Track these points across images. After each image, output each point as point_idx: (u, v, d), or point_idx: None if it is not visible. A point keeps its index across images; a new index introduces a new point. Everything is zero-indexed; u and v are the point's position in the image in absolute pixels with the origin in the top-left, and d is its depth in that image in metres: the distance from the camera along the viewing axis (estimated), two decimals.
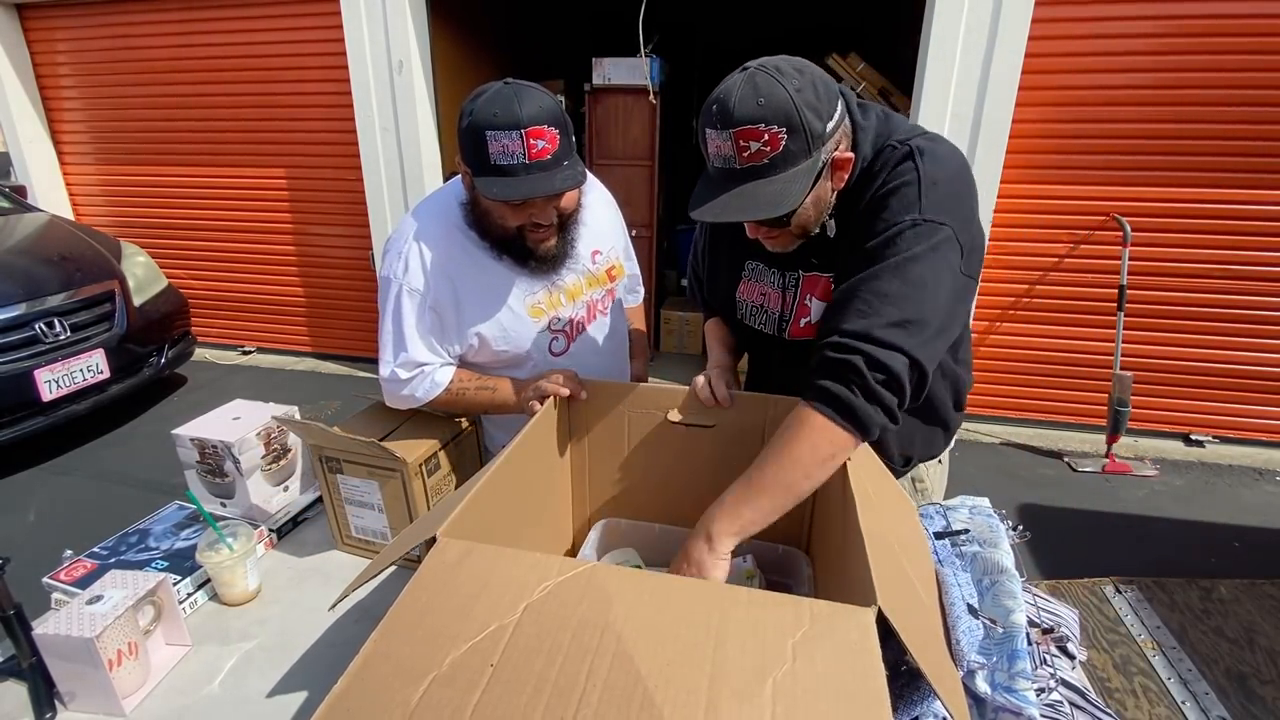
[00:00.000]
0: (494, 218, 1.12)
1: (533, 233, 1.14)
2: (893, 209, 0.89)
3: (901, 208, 0.89)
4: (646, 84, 3.79)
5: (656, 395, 1.06)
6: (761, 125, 0.82)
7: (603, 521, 1.10)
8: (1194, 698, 0.99)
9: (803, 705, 0.50)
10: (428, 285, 1.15)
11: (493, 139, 1.00)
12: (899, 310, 0.85)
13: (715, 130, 0.85)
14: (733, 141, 0.84)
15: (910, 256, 0.87)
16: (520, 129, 0.99)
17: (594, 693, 0.51)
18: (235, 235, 4.50)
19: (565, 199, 1.14)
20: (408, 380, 1.19)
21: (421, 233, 1.17)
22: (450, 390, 1.21)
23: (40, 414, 3.01)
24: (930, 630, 0.67)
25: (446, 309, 1.18)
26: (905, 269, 0.86)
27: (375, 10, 3.56)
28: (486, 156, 1.02)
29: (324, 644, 0.98)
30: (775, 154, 0.83)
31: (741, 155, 0.84)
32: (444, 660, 0.53)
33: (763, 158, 0.84)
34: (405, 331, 1.16)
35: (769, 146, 0.83)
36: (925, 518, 0.95)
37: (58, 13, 4.30)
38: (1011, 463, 3.26)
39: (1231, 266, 3.10)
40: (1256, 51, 2.83)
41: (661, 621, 0.57)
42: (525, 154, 1.01)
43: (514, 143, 1.00)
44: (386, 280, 1.17)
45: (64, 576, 1.05)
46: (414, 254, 1.15)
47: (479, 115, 1.02)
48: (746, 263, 1.14)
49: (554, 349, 1.28)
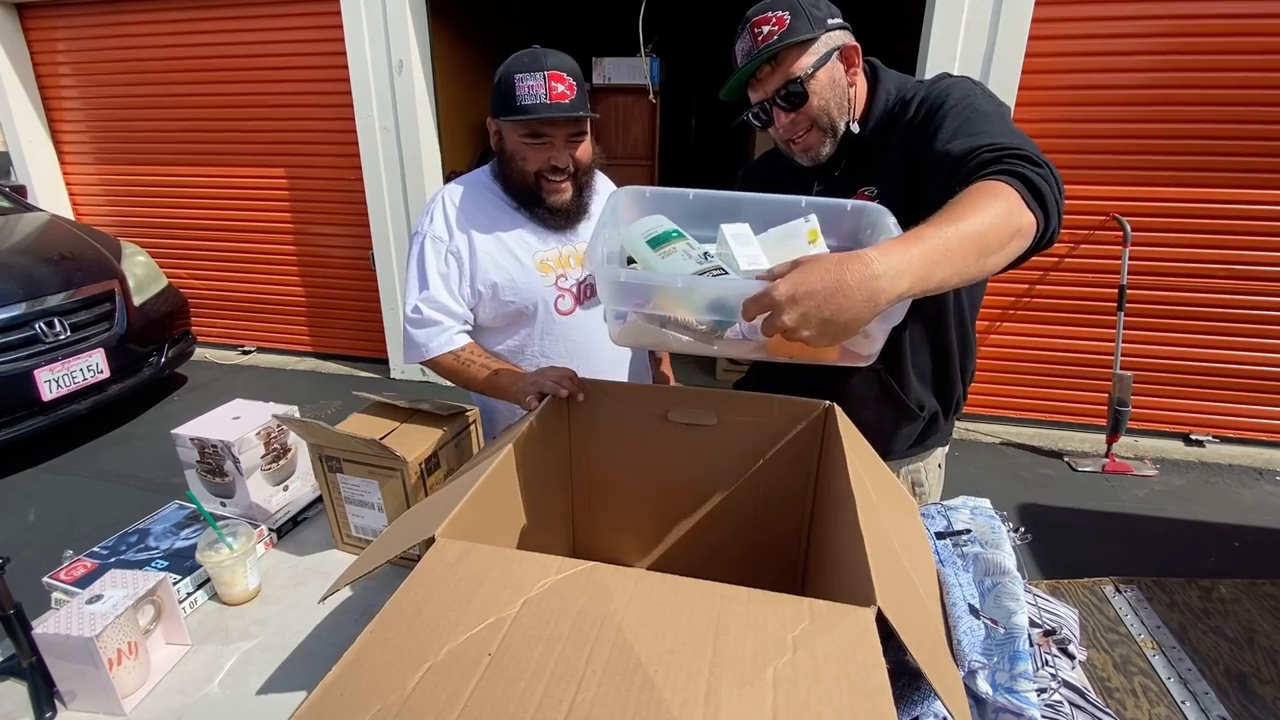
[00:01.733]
0: (516, 162, 1.27)
1: (550, 181, 1.27)
2: (957, 85, 1.04)
3: (963, 84, 1.04)
4: (646, 84, 3.79)
5: (655, 395, 1.06)
6: (769, 12, 1.04)
7: (620, 191, 1.00)
8: (1194, 697, 0.99)
9: (804, 691, 0.49)
10: (450, 233, 1.31)
11: (519, 81, 1.18)
12: (1014, 138, 0.91)
13: (739, 38, 1.07)
14: (750, 33, 1.05)
15: (993, 114, 0.98)
16: (543, 71, 1.17)
17: (594, 677, 0.51)
18: (235, 235, 4.50)
19: (580, 150, 1.27)
20: (428, 321, 1.31)
21: (449, 191, 1.36)
22: (459, 356, 1.32)
23: (40, 414, 3.01)
24: (931, 630, 0.67)
25: (463, 255, 1.31)
26: (999, 121, 0.97)
27: (375, 10, 3.56)
28: (514, 98, 1.19)
29: (324, 643, 0.98)
30: (782, 30, 1.03)
31: (757, 40, 1.05)
32: (440, 650, 0.53)
33: (773, 36, 1.03)
34: (428, 272, 1.31)
35: (776, 26, 1.03)
36: (927, 517, 0.95)
37: (58, 12, 4.30)
38: (1012, 462, 3.26)
39: (1232, 266, 3.10)
40: (1256, 51, 2.83)
41: (661, 614, 0.57)
42: (547, 94, 1.18)
43: (538, 83, 1.17)
44: (414, 234, 1.34)
45: (64, 576, 1.05)
46: (439, 209, 1.33)
47: (509, 65, 1.21)
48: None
49: (560, 306, 1.37)
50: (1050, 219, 0.82)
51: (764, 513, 1.04)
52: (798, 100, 1.06)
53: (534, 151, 1.24)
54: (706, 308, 0.82)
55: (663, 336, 0.87)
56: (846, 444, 0.84)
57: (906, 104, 1.08)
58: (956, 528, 0.91)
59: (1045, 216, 0.81)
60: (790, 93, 1.06)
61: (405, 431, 1.18)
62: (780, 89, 1.06)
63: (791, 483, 1.01)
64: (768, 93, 1.08)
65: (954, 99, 1.00)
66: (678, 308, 0.83)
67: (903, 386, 1.18)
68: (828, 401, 0.97)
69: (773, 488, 1.02)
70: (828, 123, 1.09)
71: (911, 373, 1.18)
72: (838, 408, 0.95)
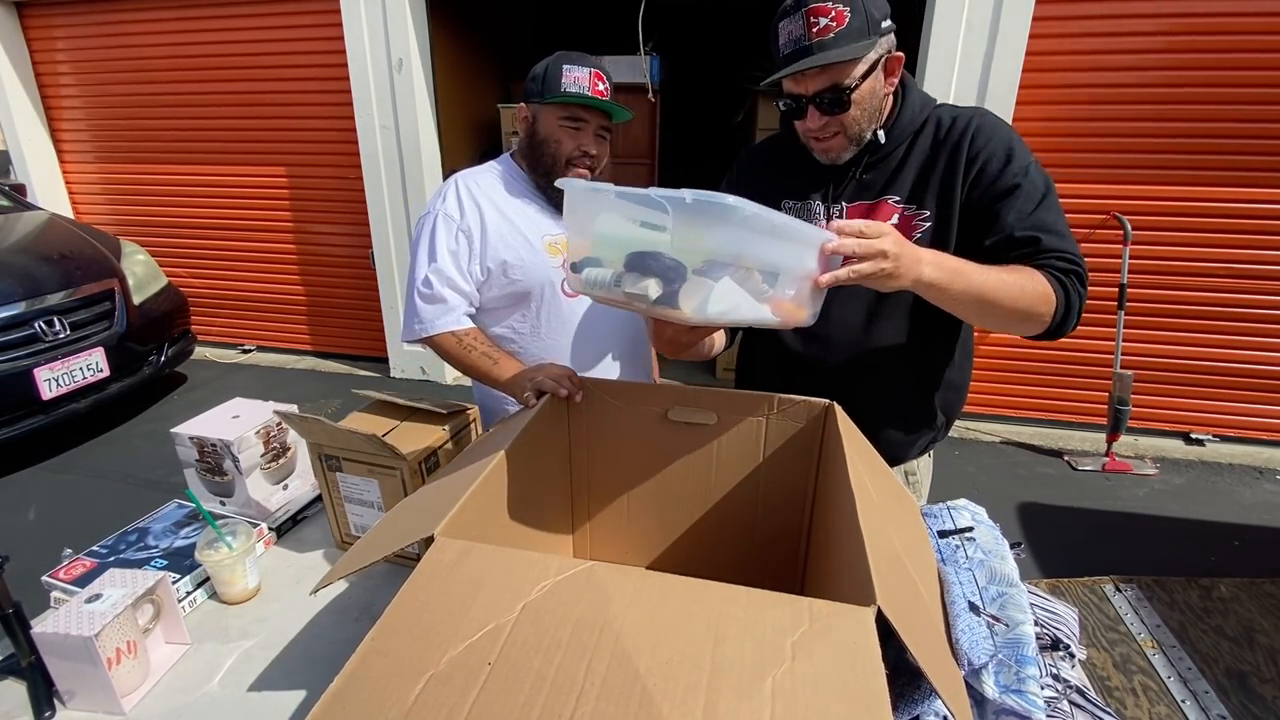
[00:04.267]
0: (550, 145, 1.33)
1: (578, 165, 1.34)
2: (1015, 144, 1.07)
3: (1018, 143, 1.07)
4: (646, 83, 3.79)
5: (655, 394, 1.06)
6: (829, 3, 0.96)
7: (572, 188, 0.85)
8: (1194, 696, 0.99)
9: (802, 703, 0.49)
10: (461, 211, 1.35)
11: (568, 71, 1.28)
12: (1071, 244, 1.02)
13: (788, 17, 1.00)
14: (804, 19, 0.98)
15: (1049, 192, 1.05)
16: (590, 69, 1.29)
17: (592, 690, 0.51)
18: (235, 234, 4.49)
19: (601, 151, 1.37)
20: (436, 297, 1.33)
21: (463, 175, 1.40)
22: (460, 340, 1.33)
23: (40, 412, 3.01)
24: (931, 629, 0.67)
25: (474, 234, 1.35)
26: (1054, 203, 1.04)
27: (375, 9, 3.55)
28: (560, 84, 1.28)
29: (324, 642, 0.98)
30: (840, 28, 0.97)
31: (811, 31, 0.97)
32: (441, 659, 0.53)
33: (829, 32, 0.97)
34: (437, 247, 1.34)
35: (835, 21, 0.97)
36: (929, 516, 0.94)
37: (58, 11, 4.29)
38: (1012, 461, 3.26)
39: (1232, 265, 3.10)
40: (1257, 51, 2.83)
41: (660, 620, 0.57)
42: (589, 87, 1.29)
43: (584, 76, 1.29)
44: (424, 214, 1.38)
45: (63, 575, 1.05)
46: (452, 190, 1.37)
47: (558, 57, 1.30)
48: (785, 201, 1.19)
49: (567, 289, 1.39)
50: (1065, 327, 1.01)
51: (764, 512, 1.04)
52: (839, 108, 1.03)
53: (569, 135, 1.32)
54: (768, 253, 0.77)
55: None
56: (846, 443, 0.84)
57: (948, 130, 1.09)
58: (959, 525, 0.91)
59: (1058, 326, 1.00)
60: (834, 99, 1.02)
61: (405, 430, 1.18)
62: (824, 92, 1.02)
63: (791, 482, 1.01)
64: (808, 91, 1.03)
65: (1019, 163, 1.04)
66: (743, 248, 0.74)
67: (929, 400, 1.22)
68: (828, 400, 0.97)
69: (773, 487, 1.02)
70: (857, 132, 1.07)
71: (939, 386, 1.22)
72: (838, 407, 0.95)
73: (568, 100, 1.28)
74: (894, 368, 1.18)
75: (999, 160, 1.04)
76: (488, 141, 4.38)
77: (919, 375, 1.21)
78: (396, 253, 4.02)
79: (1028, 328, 1.00)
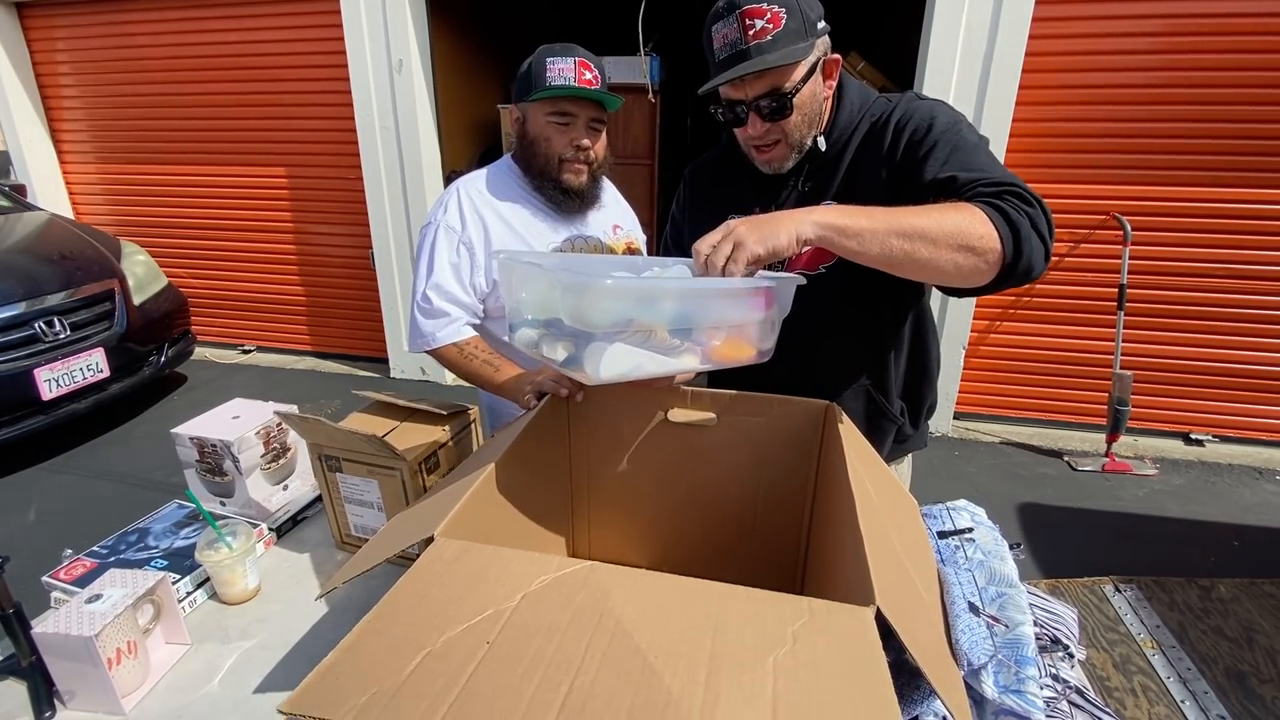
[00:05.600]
0: (540, 145, 1.31)
1: (571, 162, 1.32)
2: (939, 112, 1.00)
3: (944, 111, 1.00)
4: (646, 83, 3.79)
5: (655, 394, 1.06)
6: (764, 4, 0.93)
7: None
8: (1193, 697, 0.99)
9: (805, 679, 0.49)
10: (463, 223, 1.33)
11: (551, 64, 1.24)
12: (999, 173, 0.91)
13: (721, 20, 0.96)
14: (739, 22, 0.94)
15: (979, 145, 0.96)
16: (574, 58, 1.25)
17: (593, 663, 0.51)
18: (235, 234, 4.50)
19: (597, 145, 1.34)
20: (436, 311, 1.32)
21: (465, 183, 1.38)
22: (463, 349, 1.33)
23: (40, 413, 3.01)
24: (931, 629, 0.67)
25: (476, 246, 1.34)
26: (981, 152, 0.95)
27: (375, 10, 3.56)
28: (544, 79, 1.24)
29: (324, 642, 0.98)
30: (777, 30, 0.94)
31: (747, 34, 0.94)
32: (439, 639, 0.53)
33: (766, 34, 0.94)
34: (437, 261, 1.33)
35: (771, 24, 0.93)
36: (929, 517, 0.94)
37: (58, 11, 4.29)
38: (1011, 462, 3.26)
39: (1232, 266, 3.10)
40: (1256, 51, 2.83)
41: (660, 610, 0.57)
42: (575, 78, 1.24)
43: (568, 67, 1.24)
44: (426, 225, 1.36)
45: (63, 575, 1.05)
46: (454, 200, 1.35)
47: (541, 52, 1.27)
48: (730, 215, 1.15)
49: None
50: (1023, 250, 0.84)
51: (764, 513, 1.04)
52: (780, 113, 1.00)
53: (559, 132, 1.29)
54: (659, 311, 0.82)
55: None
56: (846, 444, 0.84)
57: (879, 126, 1.04)
58: (959, 526, 0.91)
59: (1015, 246, 0.83)
60: (776, 105, 0.99)
61: (405, 430, 1.18)
62: (764, 97, 0.99)
63: (791, 482, 1.01)
64: (748, 96, 1.00)
65: (941, 126, 0.97)
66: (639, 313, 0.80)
67: (888, 400, 1.18)
68: (827, 401, 0.97)
69: (773, 488, 1.02)
70: (799, 138, 1.04)
71: (893, 387, 1.18)
72: (838, 407, 0.95)
73: (553, 94, 1.25)
74: (844, 354, 1.14)
75: (920, 132, 0.98)
76: (488, 142, 4.38)
77: (874, 358, 1.16)
78: (396, 253, 4.02)
79: (977, 264, 0.84)
